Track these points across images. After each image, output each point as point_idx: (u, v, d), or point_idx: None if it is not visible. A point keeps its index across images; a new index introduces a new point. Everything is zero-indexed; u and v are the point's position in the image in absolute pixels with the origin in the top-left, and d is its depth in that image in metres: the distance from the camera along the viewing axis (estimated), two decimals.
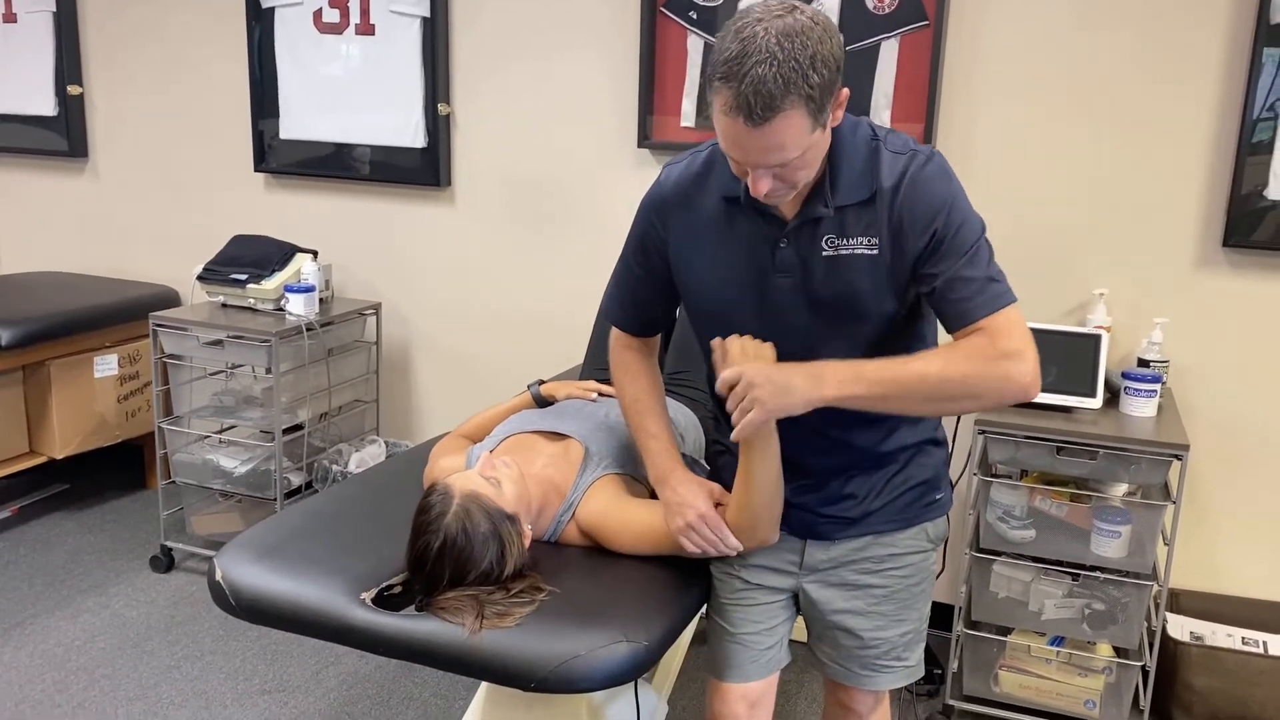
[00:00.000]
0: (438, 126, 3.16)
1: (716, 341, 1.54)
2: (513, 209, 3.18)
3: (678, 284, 1.66)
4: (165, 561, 3.18)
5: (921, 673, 1.79)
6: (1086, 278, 2.64)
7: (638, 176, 3.00)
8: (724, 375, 1.46)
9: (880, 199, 1.46)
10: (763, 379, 1.42)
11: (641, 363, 1.78)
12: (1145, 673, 2.40)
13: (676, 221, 1.61)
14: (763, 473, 1.58)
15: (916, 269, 1.47)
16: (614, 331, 1.79)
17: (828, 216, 1.48)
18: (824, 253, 1.49)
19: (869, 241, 1.47)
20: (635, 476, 1.82)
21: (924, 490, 1.69)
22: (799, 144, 1.35)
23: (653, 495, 1.74)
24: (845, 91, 1.38)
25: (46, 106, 3.69)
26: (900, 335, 1.55)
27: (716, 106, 1.34)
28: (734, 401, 1.45)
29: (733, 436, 1.47)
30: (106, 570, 3.18)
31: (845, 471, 1.65)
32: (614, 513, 1.75)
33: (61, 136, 3.69)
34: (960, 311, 1.44)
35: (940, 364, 1.42)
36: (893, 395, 1.43)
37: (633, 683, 1.50)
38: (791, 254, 1.51)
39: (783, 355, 1.52)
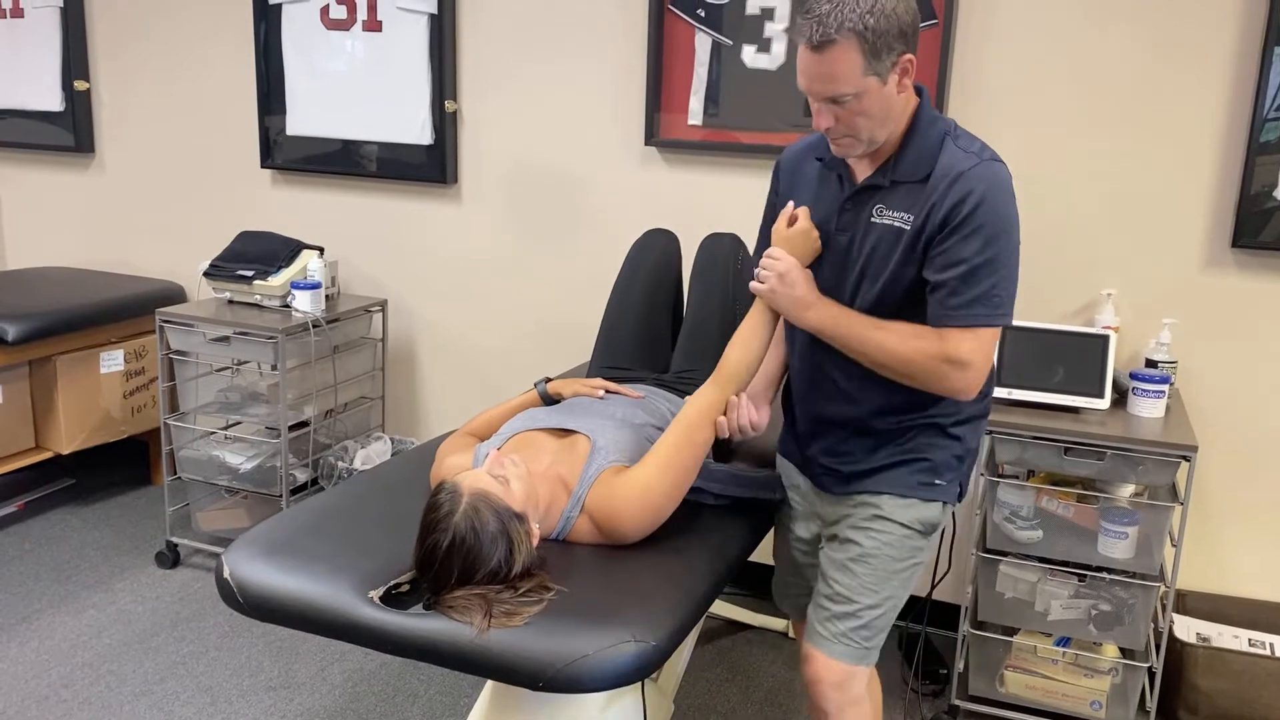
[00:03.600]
0: (444, 123, 3.16)
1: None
2: (519, 206, 3.17)
3: None
4: (171, 557, 3.18)
5: (873, 661, 1.82)
6: (1094, 278, 2.64)
7: (645, 174, 3.00)
8: (768, 251, 1.74)
9: (932, 183, 1.60)
10: (784, 269, 1.70)
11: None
12: (1151, 674, 2.39)
13: (787, 180, 1.85)
14: (752, 328, 1.82)
15: (928, 250, 1.61)
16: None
17: (884, 187, 1.66)
18: (871, 219, 1.67)
19: (905, 217, 1.63)
20: None
21: (924, 468, 1.76)
22: (851, 80, 1.53)
23: None
24: (909, 57, 1.56)
25: (53, 102, 3.69)
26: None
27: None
28: (761, 267, 1.73)
29: (750, 287, 1.77)
30: (112, 566, 3.18)
31: (849, 425, 1.78)
32: (619, 491, 1.76)
33: (68, 132, 3.70)
34: (935, 315, 1.62)
35: (896, 341, 1.63)
36: (853, 348, 1.67)
37: (639, 682, 1.50)
38: (852, 216, 1.70)
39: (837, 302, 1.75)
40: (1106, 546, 2.34)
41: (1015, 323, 2.41)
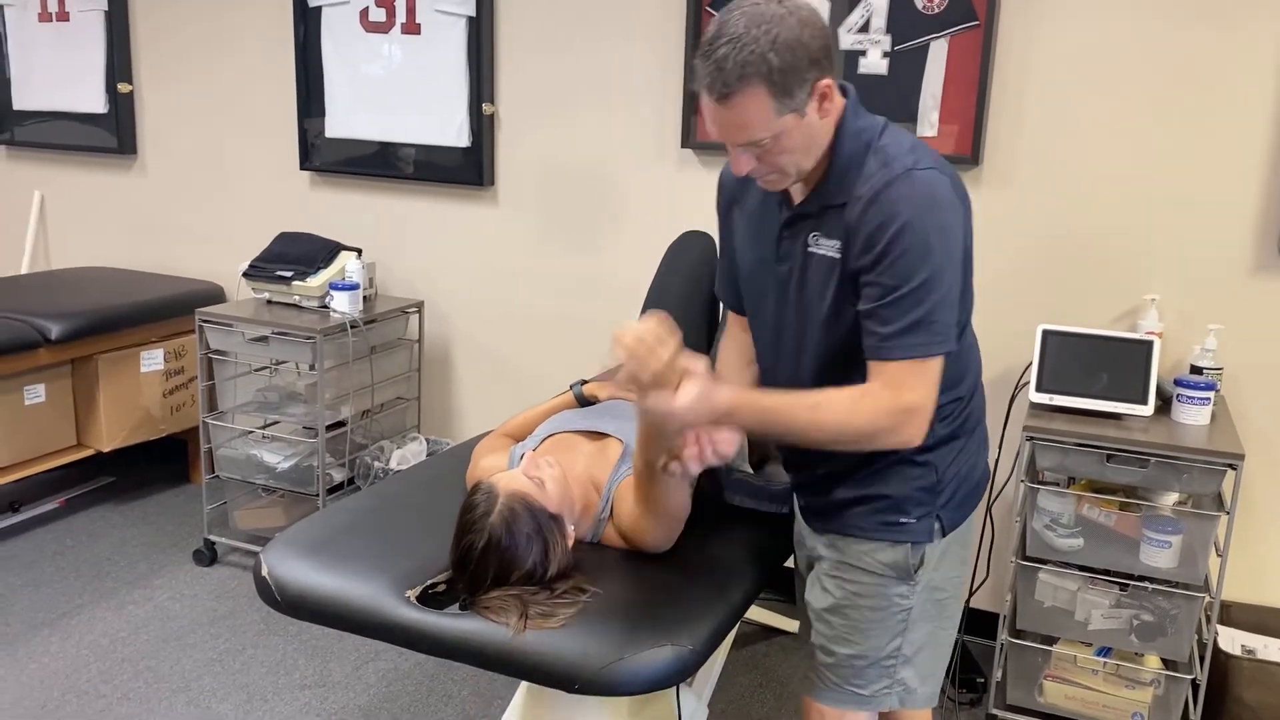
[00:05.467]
0: (481, 126, 3.17)
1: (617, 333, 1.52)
2: (556, 209, 3.18)
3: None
4: (208, 555, 3.21)
5: (881, 706, 1.67)
6: (1138, 282, 2.60)
7: (681, 177, 2.99)
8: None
9: (850, 207, 1.45)
10: (682, 408, 1.44)
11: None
12: (1195, 686, 2.35)
13: (729, 200, 1.68)
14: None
15: (858, 282, 1.46)
16: (728, 319, 1.80)
17: (814, 214, 1.51)
18: (808, 248, 1.52)
19: (836, 245, 1.49)
20: None
21: (886, 507, 1.60)
22: (764, 125, 1.39)
23: None
24: (826, 82, 1.40)
25: (97, 104, 3.74)
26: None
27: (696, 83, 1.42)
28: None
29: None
30: (151, 563, 3.21)
31: (812, 458, 1.64)
32: (630, 507, 1.74)
33: (111, 134, 3.74)
34: (871, 346, 1.45)
35: (843, 413, 1.43)
36: (797, 435, 1.47)
37: (674, 686, 1.49)
38: (790, 244, 1.55)
39: (782, 346, 1.60)
40: (1149, 556, 2.30)
41: (1056, 328, 2.39)
